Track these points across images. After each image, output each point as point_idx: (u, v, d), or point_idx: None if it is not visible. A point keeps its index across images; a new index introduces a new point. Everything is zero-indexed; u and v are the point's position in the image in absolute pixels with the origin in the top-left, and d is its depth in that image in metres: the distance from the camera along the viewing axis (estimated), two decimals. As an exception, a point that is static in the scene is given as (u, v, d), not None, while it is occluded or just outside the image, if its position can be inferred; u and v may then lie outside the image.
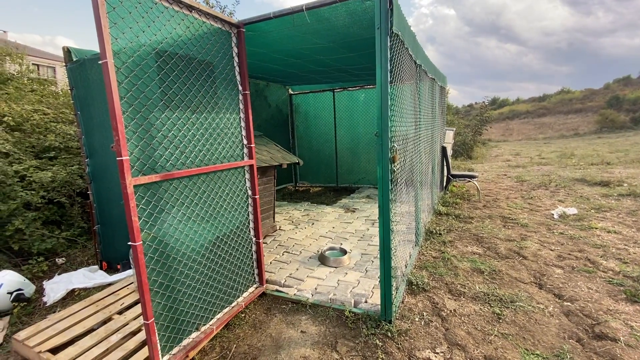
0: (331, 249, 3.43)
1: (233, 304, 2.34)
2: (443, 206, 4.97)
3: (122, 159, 1.48)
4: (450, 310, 2.37)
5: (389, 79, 2.04)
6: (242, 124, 2.39)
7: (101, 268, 3.29)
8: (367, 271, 3.00)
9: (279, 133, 6.75)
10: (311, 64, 4.27)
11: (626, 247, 3.28)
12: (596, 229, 3.79)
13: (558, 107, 37.38)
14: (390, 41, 2.04)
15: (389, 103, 2.06)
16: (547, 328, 2.14)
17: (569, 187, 5.82)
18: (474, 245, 3.54)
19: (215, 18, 2.13)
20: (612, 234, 3.63)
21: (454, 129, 7.13)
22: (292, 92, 6.97)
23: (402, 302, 2.50)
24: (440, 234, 3.90)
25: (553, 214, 4.39)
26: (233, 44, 2.31)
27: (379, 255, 2.21)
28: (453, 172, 6.07)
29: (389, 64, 2.03)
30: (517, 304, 2.40)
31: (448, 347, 2.00)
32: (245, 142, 2.41)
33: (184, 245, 1.91)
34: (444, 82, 5.70)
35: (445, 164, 5.65)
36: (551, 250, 3.32)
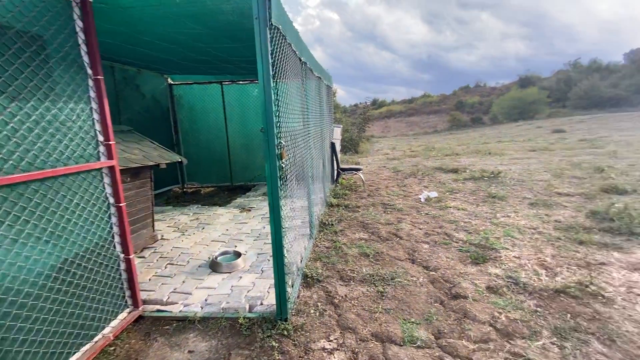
0: (224, 253, 3.20)
1: (96, 338, 1.91)
2: (334, 198, 5.28)
3: None
4: (342, 297, 2.51)
5: (271, 73, 1.98)
6: (96, 116, 1.94)
7: None
8: (263, 271, 2.91)
9: (158, 128, 5.96)
10: (191, 52, 3.86)
11: (470, 220, 4.12)
12: (450, 207, 4.65)
13: (422, 108, 44.76)
14: (271, 33, 1.98)
15: (273, 98, 2.01)
16: (418, 297, 2.48)
17: (432, 175, 7.01)
18: (361, 232, 3.87)
19: (43, -21, 1.65)
20: (461, 210, 4.52)
21: (342, 126, 7.69)
22: (172, 82, 6.23)
23: (298, 296, 2.52)
24: (332, 224, 4.12)
25: (420, 198, 5.19)
26: (76, 17, 1.84)
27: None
28: (342, 166, 6.53)
29: (270, 57, 1.96)
30: (396, 280, 2.71)
31: (340, 332, 2.10)
32: (100, 139, 1.97)
33: (7, 277, 1.43)
34: (330, 81, 6.03)
35: (335, 158, 6.02)
36: (420, 229, 3.90)
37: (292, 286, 2.51)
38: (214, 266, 2.95)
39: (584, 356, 1.81)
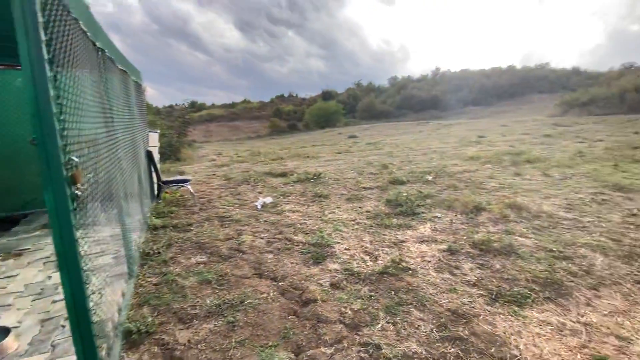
0: (-32, 337, 1.98)
1: None
2: (158, 218, 4.42)
3: None
4: (185, 344, 2.04)
5: (46, 56, 1.30)
6: None
7: None
8: (55, 347, 1.98)
9: None
10: None
11: (305, 221, 4.39)
12: (286, 211, 4.83)
13: (244, 113, 45.77)
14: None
15: (52, 93, 1.33)
16: (272, 315, 2.34)
17: (263, 180, 7.13)
18: (198, 255, 3.37)
19: None
20: (295, 212, 4.76)
21: (159, 130, 6.60)
22: None
23: (120, 367, 1.85)
24: (159, 252, 3.39)
25: (257, 205, 5.13)
26: None
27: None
28: (164, 177, 5.59)
29: (43, 32, 1.29)
30: (246, 302, 2.48)
31: (189, 394, 1.67)
32: None
33: None
34: (138, 77, 4.99)
35: (154, 170, 5.05)
36: (262, 238, 3.80)
37: (109, 356, 1.81)
38: (-56, 368, 1.76)
39: (409, 325, 2.20)
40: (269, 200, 5.34)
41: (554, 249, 3.25)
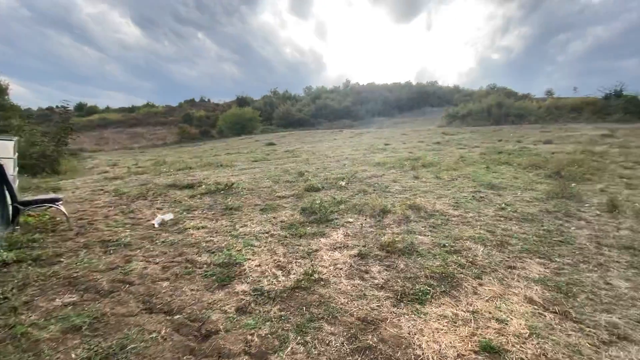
0: None
1: None
2: (11, 251, 3.42)
3: None
4: None
5: None
6: None
7: None
8: None
9: None
10: None
11: (212, 238, 3.97)
12: (189, 228, 4.31)
13: (147, 118, 41.12)
14: None
15: None
16: (162, 359, 1.95)
17: (165, 194, 6.33)
18: (67, 294, 2.68)
19: None
20: (201, 229, 4.29)
21: (15, 138, 5.24)
22: None
23: None
24: (6, 297, 2.58)
25: (154, 224, 4.46)
26: None
27: None
28: (24, 197, 4.43)
29: None
30: (128, 348, 2.02)
31: None
32: None
33: None
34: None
35: (6, 189, 3.94)
36: (156, 264, 3.27)
37: None
38: None
39: (320, 342, 2.08)
40: (169, 216, 4.71)
41: (446, 244, 3.60)
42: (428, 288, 2.73)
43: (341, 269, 3.10)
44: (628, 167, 7.44)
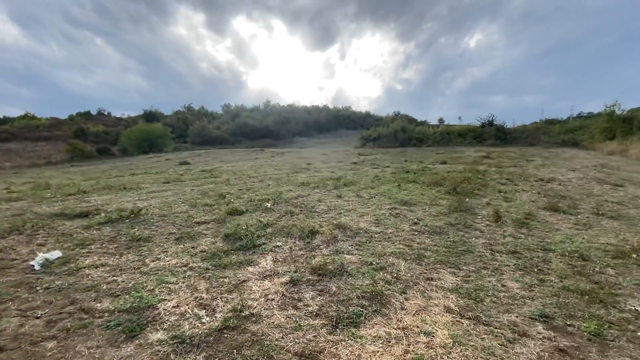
0: None
1: None
2: None
3: None
4: None
5: None
6: None
7: None
8: None
9: None
10: None
11: (115, 277, 3.34)
12: (84, 268, 3.56)
13: (25, 132, 34.11)
14: None
15: None
16: None
17: (49, 226, 5.16)
18: None
19: None
20: (100, 267, 3.59)
21: None
22: None
23: None
24: None
25: (33, 265, 3.56)
26: None
27: None
28: None
29: None
30: None
31: None
32: None
33: None
34: None
35: None
36: (37, 318, 2.57)
37: None
38: None
39: (255, 390, 1.87)
40: (55, 254, 3.83)
41: (372, 262, 3.75)
42: (360, 309, 2.76)
43: (273, 299, 2.93)
44: (503, 184, 9.10)
